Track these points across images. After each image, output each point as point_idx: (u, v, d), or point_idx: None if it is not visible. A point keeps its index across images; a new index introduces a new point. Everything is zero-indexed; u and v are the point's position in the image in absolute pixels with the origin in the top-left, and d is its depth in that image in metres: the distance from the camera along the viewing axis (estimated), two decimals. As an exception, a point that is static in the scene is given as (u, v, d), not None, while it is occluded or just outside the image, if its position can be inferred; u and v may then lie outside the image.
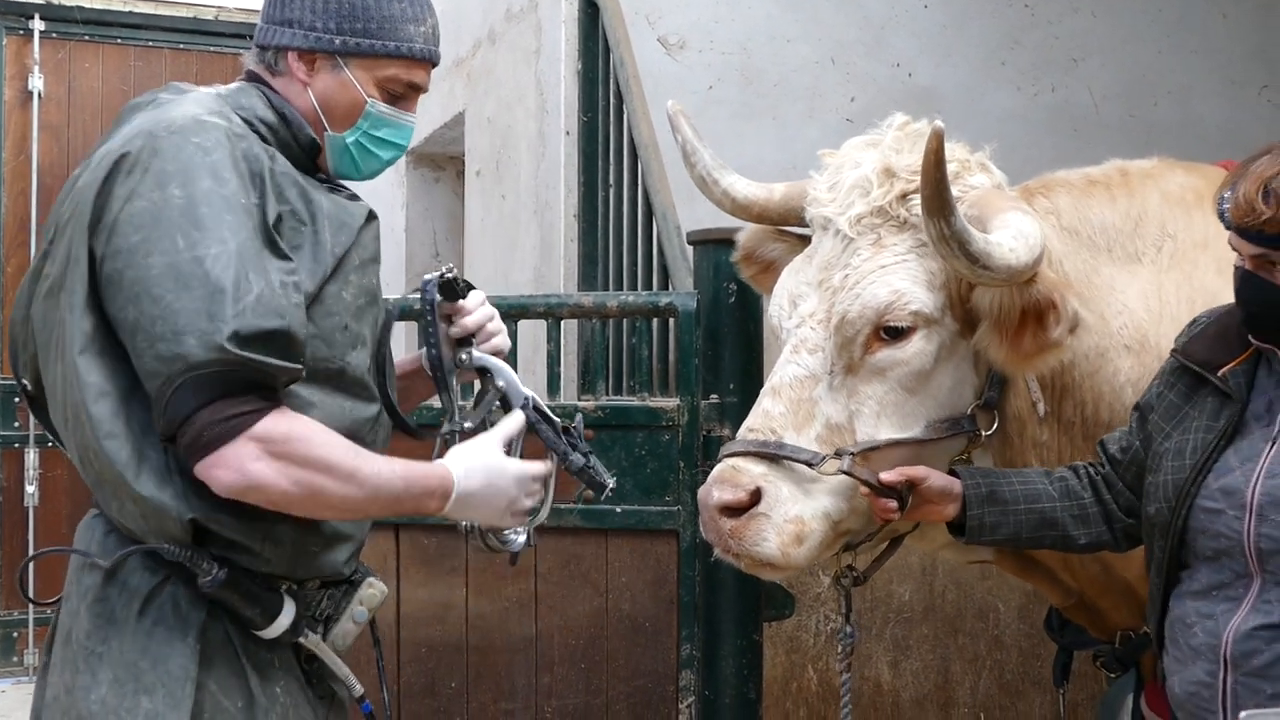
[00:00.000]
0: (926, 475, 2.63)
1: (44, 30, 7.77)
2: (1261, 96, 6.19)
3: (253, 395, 2.07)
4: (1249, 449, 2.44)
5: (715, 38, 5.57)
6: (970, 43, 5.90)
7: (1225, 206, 2.42)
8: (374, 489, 2.17)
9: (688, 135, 3.15)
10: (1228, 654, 2.40)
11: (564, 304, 3.85)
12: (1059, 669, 3.30)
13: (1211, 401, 2.52)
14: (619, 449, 3.66)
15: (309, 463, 2.11)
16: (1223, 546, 2.43)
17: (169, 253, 2.05)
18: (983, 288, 2.68)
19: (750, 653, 3.69)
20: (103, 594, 2.19)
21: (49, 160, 7.78)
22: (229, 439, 2.05)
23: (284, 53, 2.36)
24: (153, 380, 2.06)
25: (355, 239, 2.29)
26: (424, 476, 2.25)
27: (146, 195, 2.08)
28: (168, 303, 2.03)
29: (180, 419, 2.05)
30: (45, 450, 7.49)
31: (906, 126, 2.90)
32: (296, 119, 2.34)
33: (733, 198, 3.09)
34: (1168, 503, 2.49)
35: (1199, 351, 2.57)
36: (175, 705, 2.14)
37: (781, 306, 2.87)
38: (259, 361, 2.05)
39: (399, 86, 2.40)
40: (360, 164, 2.43)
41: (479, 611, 3.75)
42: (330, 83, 2.36)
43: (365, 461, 2.18)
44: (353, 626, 2.38)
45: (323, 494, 2.13)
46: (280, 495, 2.11)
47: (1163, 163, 3.14)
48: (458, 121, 6.86)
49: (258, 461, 2.06)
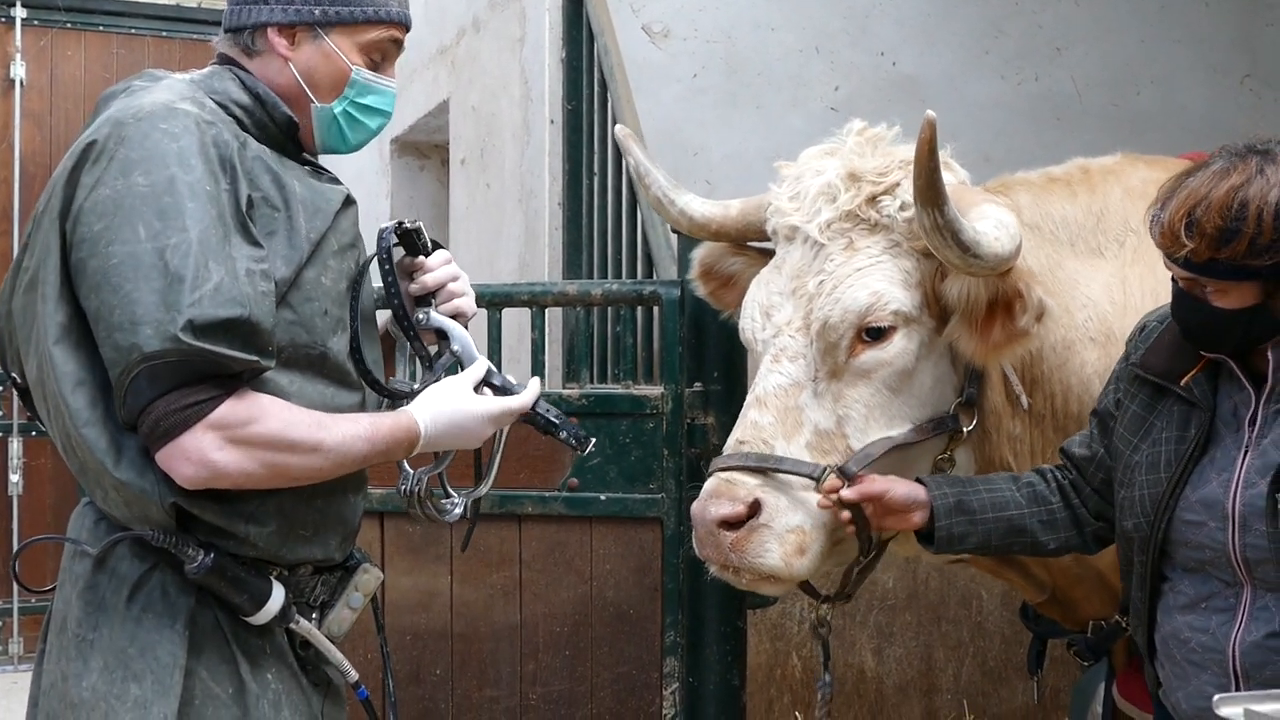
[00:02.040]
0: (886, 489, 2.64)
1: (26, 17, 7.75)
2: (1244, 85, 6.21)
3: (209, 383, 2.07)
4: (1224, 459, 2.43)
5: (699, 26, 5.57)
6: (954, 31, 5.90)
7: (1154, 229, 2.40)
8: (340, 455, 2.19)
9: (639, 158, 3.15)
10: (1238, 667, 2.38)
11: (548, 292, 3.85)
12: (1034, 657, 3.33)
13: (1178, 410, 2.50)
14: (603, 437, 3.67)
15: (271, 443, 2.12)
16: (1207, 557, 2.42)
17: (129, 242, 2.04)
18: (951, 281, 2.70)
19: (734, 639, 3.70)
20: (93, 581, 2.20)
21: (31, 148, 7.76)
22: (186, 427, 2.05)
23: (262, 30, 2.35)
24: (113, 369, 2.06)
25: (331, 223, 2.28)
26: (390, 431, 2.26)
27: (110, 183, 2.08)
28: (126, 292, 2.03)
29: (138, 409, 2.06)
30: (29, 439, 7.48)
31: (865, 132, 2.92)
32: (271, 98, 2.33)
33: (689, 216, 3.09)
34: (1145, 517, 2.48)
35: (1157, 363, 2.55)
36: (164, 692, 2.15)
37: (754, 319, 2.87)
38: (213, 352, 2.04)
39: (381, 50, 2.40)
40: (349, 133, 2.42)
41: (464, 599, 3.75)
42: (313, 54, 2.35)
43: (328, 431, 2.18)
44: (349, 613, 2.39)
45: (288, 470, 2.16)
46: (245, 478, 2.12)
47: (1125, 158, 3.16)
48: (442, 110, 6.85)
49: (219, 451, 2.07)
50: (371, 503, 3.62)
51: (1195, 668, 2.45)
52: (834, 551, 2.75)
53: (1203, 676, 2.43)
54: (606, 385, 4.03)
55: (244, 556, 2.22)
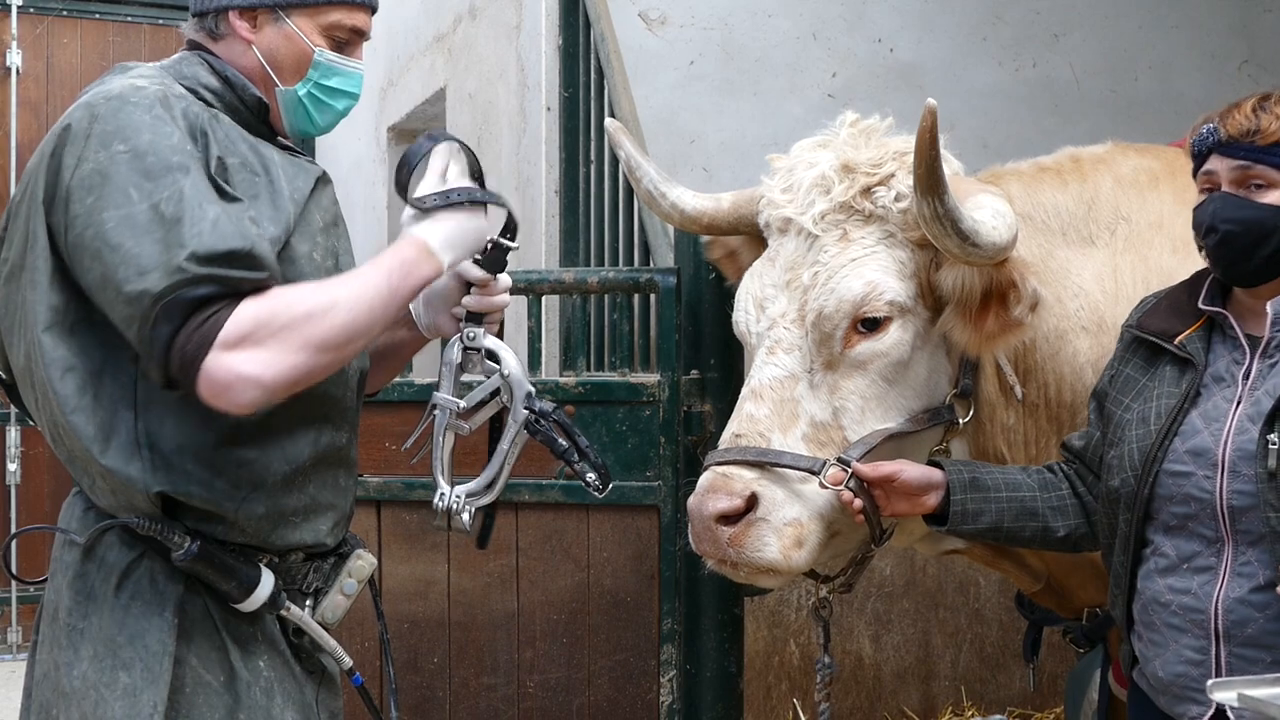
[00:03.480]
0: (898, 469, 2.64)
1: (22, 5, 7.72)
2: (1241, 71, 6.21)
3: (216, 301, 2.05)
4: (1214, 410, 2.45)
5: (696, 13, 5.56)
6: (952, 18, 5.90)
7: (1213, 125, 2.47)
8: (359, 299, 2.13)
9: (630, 151, 3.14)
10: (1219, 626, 2.38)
11: (545, 280, 3.85)
12: (1029, 645, 3.33)
13: (1170, 370, 2.53)
14: (600, 425, 3.67)
15: (291, 325, 2.07)
16: (1191, 511, 2.43)
17: (122, 205, 2.05)
18: (946, 271, 2.71)
19: (731, 627, 3.71)
20: (82, 570, 2.20)
21: (28, 137, 7.73)
22: (206, 346, 2.02)
23: (224, 14, 2.35)
24: (130, 328, 2.05)
25: (314, 190, 2.28)
26: (393, 256, 2.21)
27: (92, 158, 2.09)
28: (127, 249, 2.03)
29: (162, 354, 2.04)
30: (27, 428, 7.46)
31: (858, 124, 2.91)
32: (240, 80, 2.34)
33: (681, 210, 3.09)
34: (1134, 471, 2.49)
35: (1153, 323, 2.59)
36: (153, 680, 2.15)
37: (748, 311, 2.87)
38: (220, 275, 2.03)
39: (343, 32, 2.39)
40: (315, 116, 2.41)
41: (461, 587, 3.75)
42: (275, 37, 2.35)
43: (333, 287, 2.15)
44: (342, 599, 2.38)
45: (325, 338, 2.09)
46: (293, 370, 2.07)
47: (1115, 147, 3.16)
48: (439, 97, 6.84)
49: (250, 363, 2.04)
50: (369, 491, 3.64)
51: (1175, 631, 2.45)
52: (831, 544, 2.75)
53: (1182, 640, 2.43)
54: (603, 373, 4.03)
55: (233, 543, 2.22)
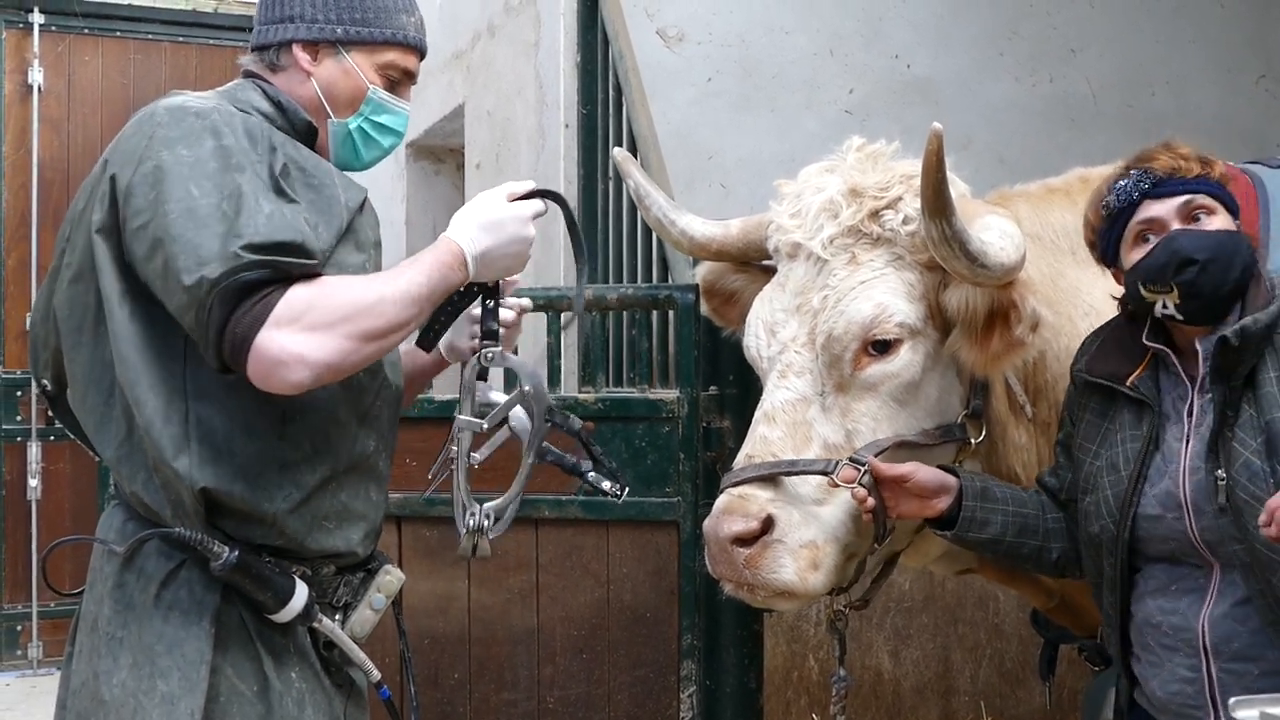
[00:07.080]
0: (912, 469, 2.65)
1: (44, 24, 7.77)
2: (1259, 86, 6.20)
3: (269, 285, 2.11)
4: (1169, 452, 2.49)
5: (713, 30, 5.58)
6: (968, 33, 5.90)
7: (1139, 171, 2.52)
8: (403, 296, 2.22)
9: (639, 180, 3.16)
10: (1206, 643, 2.44)
11: (564, 296, 3.87)
12: (1044, 663, 3.32)
13: (1128, 413, 2.56)
14: (619, 441, 3.68)
15: (341, 311, 2.14)
16: (1174, 548, 2.49)
17: (184, 199, 2.12)
18: (951, 292, 2.72)
19: (751, 642, 3.71)
20: (121, 580, 2.25)
21: (49, 154, 7.78)
22: (258, 325, 2.08)
23: (287, 47, 2.46)
24: (187, 314, 2.11)
25: (362, 204, 2.36)
26: (432, 258, 2.30)
27: (155, 157, 2.17)
28: (188, 239, 2.10)
29: (217, 337, 2.09)
30: (48, 444, 7.50)
31: (865, 148, 2.92)
32: (292, 105, 2.43)
33: (690, 236, 3.09)
34: (1111, 518, 2.53)
35: (1101, 366, 2.62)
36: (190, 689, 2.19)
37: (759, 336, 2.87)
38: (273, 261, 2.10)
39: (396, 72, 2.50)
40: (362, 150, 2.51)
41: (481, 603, 3.77)
42: (334, 70, 2.46)
43: (379, 282, 2.23)
44: (371, 614, 2.42)
45: (372, 329, 2.17)
46: (340, 355, 2.13)
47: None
48: (457, 114, 6.87)
49: (300, 343, 2.10)
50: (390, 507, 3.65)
51: (1168, 651, 2.50)
52: (847, 566, 2.75)
53: (1175, 659, 2.49)
54: (622, 389, 4.04)
55: (269, 547, 2.26)
